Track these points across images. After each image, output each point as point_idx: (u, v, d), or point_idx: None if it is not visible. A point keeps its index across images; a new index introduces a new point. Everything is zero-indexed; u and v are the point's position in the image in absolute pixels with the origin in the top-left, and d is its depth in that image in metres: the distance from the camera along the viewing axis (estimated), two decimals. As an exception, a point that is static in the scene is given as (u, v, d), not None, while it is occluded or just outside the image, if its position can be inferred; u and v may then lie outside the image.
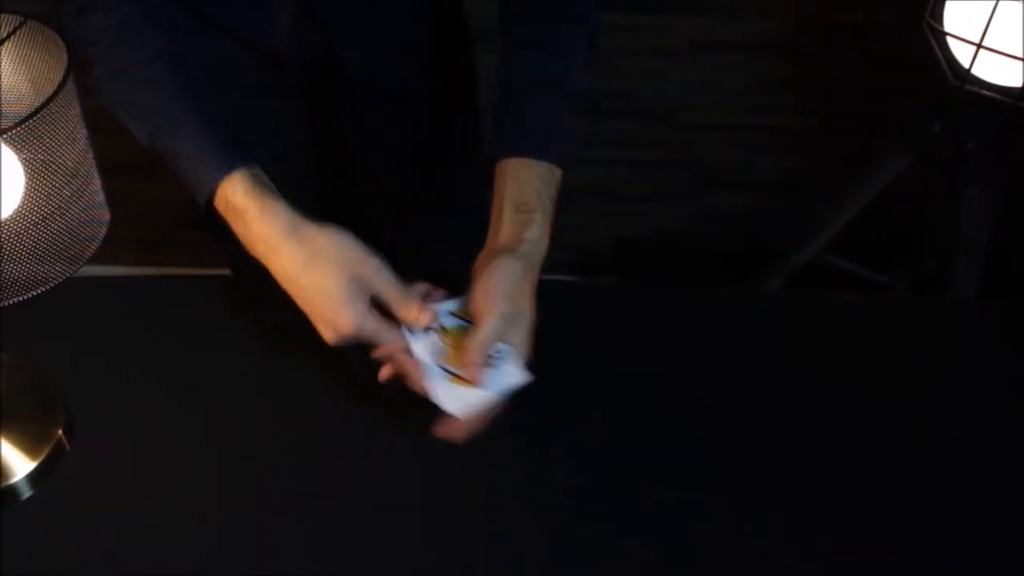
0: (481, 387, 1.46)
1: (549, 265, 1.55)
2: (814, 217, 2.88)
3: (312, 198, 2.08)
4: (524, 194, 1.57)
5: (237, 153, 1.58)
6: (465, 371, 1.48)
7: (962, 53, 2.15)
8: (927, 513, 1.55)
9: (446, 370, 1.49)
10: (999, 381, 1.72)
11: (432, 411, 1.47)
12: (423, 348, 1.51)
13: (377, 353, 1.51)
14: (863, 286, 2.97)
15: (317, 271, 1.49)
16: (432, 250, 2.26)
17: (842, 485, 1.56)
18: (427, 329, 1.52)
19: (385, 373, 1.52)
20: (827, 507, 1.54)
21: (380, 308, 1.50)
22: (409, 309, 1.51)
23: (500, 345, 1.48)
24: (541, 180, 1.58)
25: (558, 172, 1.61)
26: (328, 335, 1.49)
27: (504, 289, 1.50)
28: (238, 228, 1.55)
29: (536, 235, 1.55)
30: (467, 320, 1.52)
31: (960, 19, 2.15)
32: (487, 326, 1.47)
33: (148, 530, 1.51)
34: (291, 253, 1.51)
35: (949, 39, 2.17)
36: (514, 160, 1.60)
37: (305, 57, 1.85)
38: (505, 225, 1.56)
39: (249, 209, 1.53)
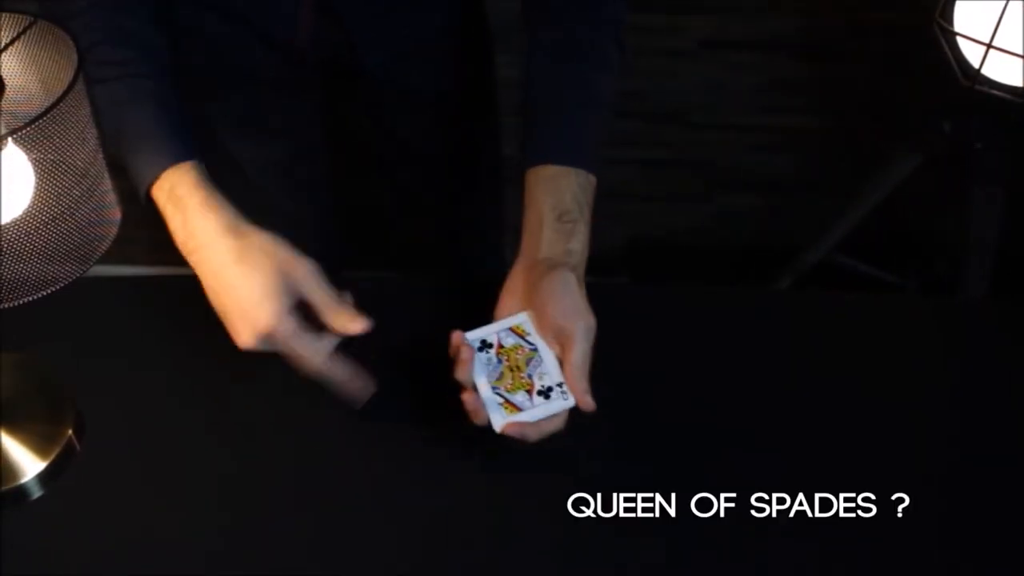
0: (527, 414, 1.46)
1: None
2: (824, 217, 2.88)
3: (328, 195, 2.08)
4: (565, 203, 1.56)
5: (191, 146, 1.56)
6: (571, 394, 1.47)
7: (972, 53, 2.15)
8: (933, 510, 1.54)
9: (498, 393, 1.48)
10: (1010, 381, 1.72)
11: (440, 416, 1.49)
12: (481, 367, 1.50)
13: (459, 377, 1.48)
14: (873, 286, 2.97)
15: (247, 264, 1.46)
16: (449, 249, 2.27)
17: (853, 485, 1.56)
18: (485, 346, 1.51)
19: (468, 402, 1.47)
20: (837, 506, 1.54)
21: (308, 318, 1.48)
22: (339, 315, 1.47)
23: (550, 369, 1.49)
24: (580, 188, 1.58)
25: (593, 179, 1.61)
26: (243, 335, 1.45)
27: (575, 303, 1.49)
28: (174, 221, 1.52)
29: (580, 246, 1.55)
30: (526, 340, 1.52)
31: (970, 19, 2.15)
32: (579, 346, 1.47)
33: (158, 530, 1.51)
34: (226, 247, 1.48)
35: (959, 39, 2.17)
36: (551, 168, 1.59)
37: (324, 56, 1.85)
38: (547, 235, 1.55)
39: (193, 199, 1.51)
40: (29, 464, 1.53)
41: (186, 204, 1.51)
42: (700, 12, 2.91)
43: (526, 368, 1.49)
